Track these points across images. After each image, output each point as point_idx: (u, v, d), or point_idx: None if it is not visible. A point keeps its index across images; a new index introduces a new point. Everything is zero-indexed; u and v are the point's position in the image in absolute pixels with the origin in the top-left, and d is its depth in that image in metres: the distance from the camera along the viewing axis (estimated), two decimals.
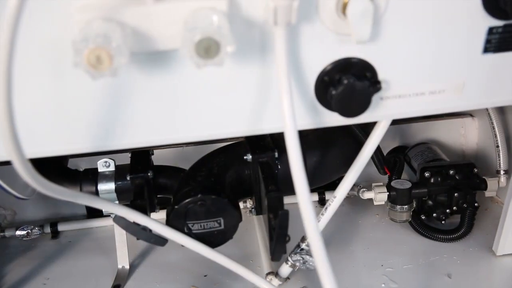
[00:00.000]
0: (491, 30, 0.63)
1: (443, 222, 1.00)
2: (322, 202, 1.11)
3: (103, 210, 0.75)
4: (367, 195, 1.00)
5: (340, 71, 0.61)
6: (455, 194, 0.96)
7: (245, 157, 0.81)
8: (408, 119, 1.16)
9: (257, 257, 0.97)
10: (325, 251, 0.60)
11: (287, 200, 0.72)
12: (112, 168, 0.86)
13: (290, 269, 0.87)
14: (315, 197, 1.11)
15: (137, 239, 0.75)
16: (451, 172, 0.98)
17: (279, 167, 0.82)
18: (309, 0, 0.56)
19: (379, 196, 0.98)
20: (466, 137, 1.20)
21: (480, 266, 0.91)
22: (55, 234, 1.08)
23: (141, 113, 0.61)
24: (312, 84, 0.62)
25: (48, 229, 1.08)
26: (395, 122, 1.11)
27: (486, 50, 0.64)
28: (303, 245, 0.85)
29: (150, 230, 0.74)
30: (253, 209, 0.86)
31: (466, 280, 0.88)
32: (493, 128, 1.00)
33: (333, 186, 0.83)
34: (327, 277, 0.60)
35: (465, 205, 0.96)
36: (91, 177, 0.86)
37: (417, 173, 1.01)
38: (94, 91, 0.58)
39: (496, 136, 1.00)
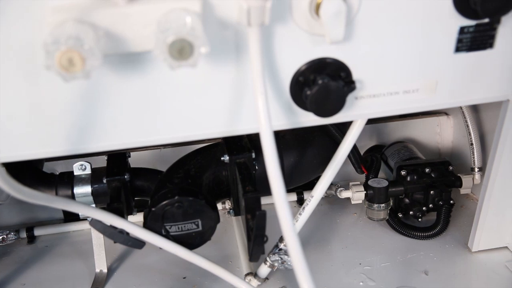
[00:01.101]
0: (462, 30, 0.64)
1: (419, 219, 1.01)
2: (300, 202, 1.11)
3: (80, 214, 0.75)
4: (344, 194, 1.00)
5: (314, 72, 0.61)
6: (431, 192, 0.97)
7: (222, 158, 0.80)
8: (385, 118, 1.17)
9: (236, 258, 0.97)
10: (301, 251, 0.60)
11: (265, 200, 0.72)
12: (88, 171, 0.85)
13: (269, 270, 0.87)
14: (294, 197, 1.12)
15: (114, 242, 0.74)
16: (427, 170, 0.99)
17: (256, 167, 0.82)
18: (283, 1, 0.56)
19: (357, 195, 0.99)
20: (441, 135, 1.21)
21: (456, 263, 0.93)
22: (31, 239, 1.07)
23: (117, 116, 0.61)
24: (287, 84, 0.63)
25: (24, 234, 1.06)
26: (371, 121, 1.13)
27: (458, 49, 0.65)
28: (282, 245, 0.85)
29: (127, 233, 0.73)
30: (231, 210, 0.86)
31: (442, 277, 0.89)
32: (467, 126, 1.02)
33: (311, 185, 0.83)
34: (304, 277, 0.60)
35: (440, 203, 0.97)
36: (67, 181, 0.85)
37: (394, 171, 1.02)
38: (68, 94, 0.58)
39: (470, 134, 1.02)
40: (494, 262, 0.92)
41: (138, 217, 0.82)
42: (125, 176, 0.81)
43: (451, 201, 0.98)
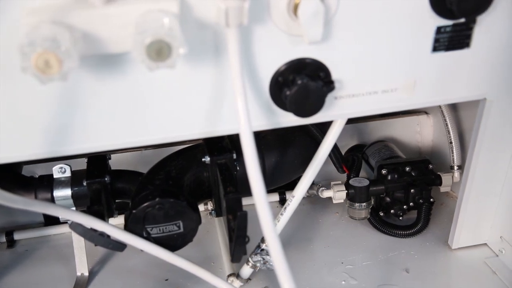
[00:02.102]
0: (439, 30, 0.64)
1: (400, 218, 1.01)
2: (282, 202, 1.12)
3: (60, 217, 0.74)
4: (326, 194, 1.00)
5: (294, 72, 0.61)
6: (412, 190, 0.98)
7: (203, 159, 0.80)
8: (365, 118, 1.17)
9: (219, 259, 0.97)
10: (282, 251, 0.60)
11: (247, 201, 0.72)
12: (68, 174, 0.84)
13: (251, 270, 0.87)
14: (276, 197, 1.12)
15: (95, 245, 0.73)
16: (407, 169, 1.00)
17: (237, 168, 0.82)
18: (261, 1, 0.56)
19: (338, 194, 0.99)
20: (421, 134, 1.22)
21: (437, 260, 0.94)
22: (11, 243, 1.05)
23: (96, 118, 0.60)
24: (266, 85, 0.63)
25: (3, 238, 1.05)
26: (352, 121, 1.14)
27: (435, 49, 0.66)
28: (264, 246, 0.85)
29: (108, 236, 0.73)
30: (213, 211, 0.86)
31: (423, 274, 0.90)
32: (446, 125, 1.03)
33: (293, 185, 0.83)
34: (285, 277, 0.61)
35: (421, 201, 0.98)
36: (46, 184, 0.84)
37: (375, 170, 1.03)
38: (47, 96, 0.57)
39: (449, 133, 1.03)
40: (473, 259, 0.93)
41: (120, 220, 0.82)
42: (106, 178, 0.81)
43: (431, 199, 0.99)
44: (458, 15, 0.61)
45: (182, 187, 0.80)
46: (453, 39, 0.66)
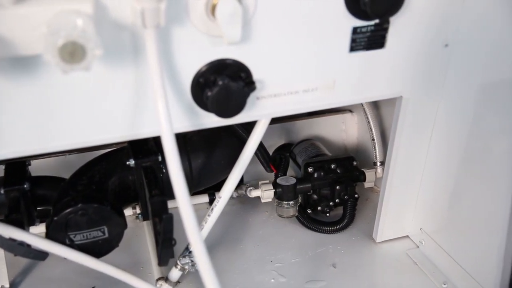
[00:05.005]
0: (355, 30, 0.66)
1: (327, 214, 1.04)
2: (212, 203, 1.11)
3: None
4: (254, 193, 1.01)
5: (215, 72, 0.61)
6: (337, 187, 1.01)
7: (128, 163, 0.79)
8: (292, 117, 1.19)
9: (148, 264, 0.95)
10: (206, 253, 0.60)
11: (175, 204, 0.71)
12: None
13: (180, 273, 0.86)
14: (205, 198, 1.12)
15: (15, 255, 0.70)
16: (333, 166, 1.02)
17: (164, 170, 0.81)
18: (179, 2, 0.56)
19: (266, 193, 1.00)
20: (346, 132, 1.26)
21: (362, 254, 0.97)
22: None
23: (11, 123, 0.58)
24: (188, 86, 0.62)
25: None
26: (279, 120, 1.16)
27: (352, 49, 0.68)
28: (192, 248, 0.84)
29: (28, 245, 0.70)
30: (140, 215, 0.85)
31: (349, 268, 0.93)
32: (369, 122, 1.06)
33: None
34: (210, 278, 0.61)
35: (346, 197, 1.01)
36: None
37: (301, 169, 1.05)
38: None
39: (371, 130, 1.06)
40: (396, 251, 0.97)
41: (42, 228, 0.79)
42: (25, 185, 0.78)
43: (356, 195, 1.02)
44: (372, 16, 0.63)
45: (106, 191, 0.79)
46: (369, 39, 0.68)
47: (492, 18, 0.69)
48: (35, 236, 0.69)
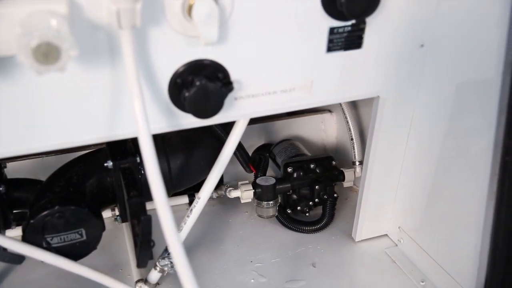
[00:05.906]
0: (332, 31, 0.67)
1: (307, 214, 1.04)
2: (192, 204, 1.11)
3: None
4: (234, 193, 1.01)
5: (192, 73, 0.61)
6: (316, 187, 1.01)
7: (106, 164, 0.78)
8: (272, 117, 1.19)
9: (127, 266, 0.95)
10: (185, 254, 0.60)
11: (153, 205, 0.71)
12: None
13: (159, 274, 0.86)
14: (185, 199, 1.11)
15: None
16: (312, 166, 1.02)
17: (142, 172, 0.80)
18: (155, 3, 0.56)
19: (246, 194, 1.00)
20: (326, 132, 1.26)
21: (341, 253, 0.97)
22: None
23: None
24: (165, 87, 0.62)
25: None
26: (259, 121, 1.16)
27: (329, 49, 0.69)
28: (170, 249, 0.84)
29: (4, 249, 0.69)
30: (118, 217, 0.84)
31: (329, 267, 0.93)
32: (347, 122, 1.07)
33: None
34: (188, 280, 0.61)
35: (325, 197, 1.02)
36: None
37: (281, 169, 1.05)
38: None
39: (350, 130, 1.07)
40: (375, 250, 0.97)
41: (19, 231, 0.78)
42: (0, 188, 0.77)
43: (335, 195, 1.02)
44: (348, 16, 0.63)
45: (84, 193, 0.78)
46: (346, 39, 0.69)
47: (466, 18, 0.70)
48: (11, 239, 0.69)
